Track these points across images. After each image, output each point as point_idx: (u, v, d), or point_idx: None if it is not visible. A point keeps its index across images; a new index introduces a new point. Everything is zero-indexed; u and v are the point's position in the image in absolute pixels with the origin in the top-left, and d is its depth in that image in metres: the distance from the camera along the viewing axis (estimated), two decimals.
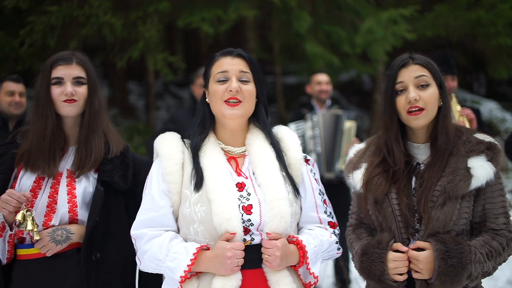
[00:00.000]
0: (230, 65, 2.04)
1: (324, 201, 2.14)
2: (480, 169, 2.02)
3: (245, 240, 1.94)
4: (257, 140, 2.08)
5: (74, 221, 2.29)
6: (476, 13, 8.10)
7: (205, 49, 10.79)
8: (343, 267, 5.16)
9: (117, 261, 2.31)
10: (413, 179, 2.11)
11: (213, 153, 2.04)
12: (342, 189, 4.98)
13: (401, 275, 2.03)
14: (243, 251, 1.90)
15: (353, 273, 5.28)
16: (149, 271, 2.02)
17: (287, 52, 9.03)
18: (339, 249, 2.14)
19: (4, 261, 2.29)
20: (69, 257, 2.26)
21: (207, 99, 2.10)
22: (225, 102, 2.01)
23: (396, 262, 2.02)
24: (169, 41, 12.05)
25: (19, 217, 2.18)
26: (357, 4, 7.86)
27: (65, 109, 2.31)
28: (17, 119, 4.19)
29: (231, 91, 2.00)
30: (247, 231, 1.94)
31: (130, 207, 2.35)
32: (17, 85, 4.20)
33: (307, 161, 2.17)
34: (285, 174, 2.04)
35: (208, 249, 1.93)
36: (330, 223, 2.13)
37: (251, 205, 1.96)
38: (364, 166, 2.18)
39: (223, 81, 2.03)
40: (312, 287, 2.04)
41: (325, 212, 2.12)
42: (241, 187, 2.00)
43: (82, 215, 2.29)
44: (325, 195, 2.18)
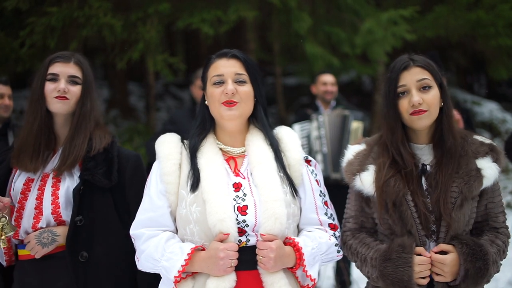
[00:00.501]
0: (225, 68, 2.04)
1: (325, 203, 2.13)
2: (489, 169, 2.04)
3: (240, 241, 1.93)
4: (256, 140, 2.08)
5: (61, 222, 2.27)
6: (476, 13, 8.08)
7: (205, 50, 10.76)
8: (343, 269, 5.15)
9: (107, 261, 2.28)
10: (423, 181, 2.09)
11: (210, 153, 2.04)
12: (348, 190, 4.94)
13: (423, 278, 2.00)
14: (238, 252, 1.89)
15: (353, 275, 5.27)
16: (147, 271, 2.02)
17: (287, 53, 9.01)
18: (339, 252, 2.11)
19: (4, 264, 2.31)
20: (60, 259, 2.25)
21: (206, 102, 2.10)
22: (222, 103, 2.01)
23: (421, 265, 1.99)
24: (169, 42, 12.06)
25: None
26: (357, 4, 7.84)
27: (55, 105, 2.29)
28: (4, 121, 3.93)
29: (227, 93, 2.00)
30: (242, 232, 1.93)
31: (119, 203, 2.32)
32: (6, 88, 3.95)
33: (308, 162, 2.16)
34: (283, 174, 2.03)
35: (203, 250, 1.92)
36: (330, 225, 2.11)
37: (247, 205, 1.95)
38: (371, 168, 2.14)
39: (219, 83, 2.03)
40: None
41: (326, 214, 2.11)
42: (237, 187, 1.99)
43: (66, 215, 2.26)
44: (327, 196, 2.16)
